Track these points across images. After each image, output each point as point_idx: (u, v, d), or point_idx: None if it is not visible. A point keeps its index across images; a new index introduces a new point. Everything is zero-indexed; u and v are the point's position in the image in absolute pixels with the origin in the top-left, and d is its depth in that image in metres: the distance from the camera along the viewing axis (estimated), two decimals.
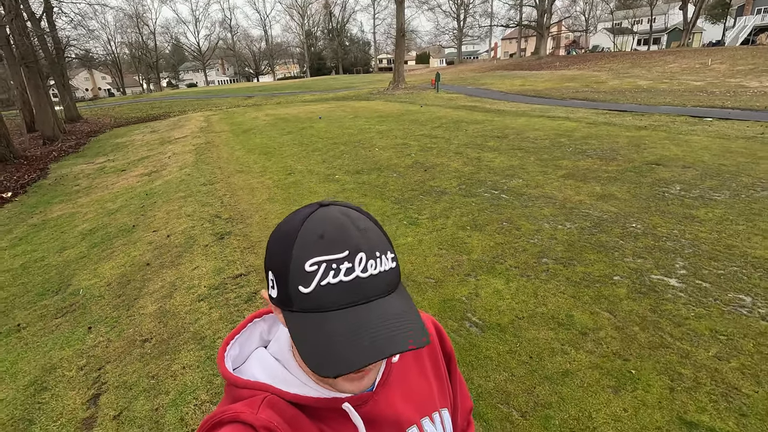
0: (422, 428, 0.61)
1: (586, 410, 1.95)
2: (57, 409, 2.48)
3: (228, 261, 3.86)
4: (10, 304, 3.92)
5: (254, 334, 0.62)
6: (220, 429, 0.50)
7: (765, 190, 4.44)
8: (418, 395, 0.63)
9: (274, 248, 0.49)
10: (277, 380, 0.54)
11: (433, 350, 0.69)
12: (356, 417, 0.54)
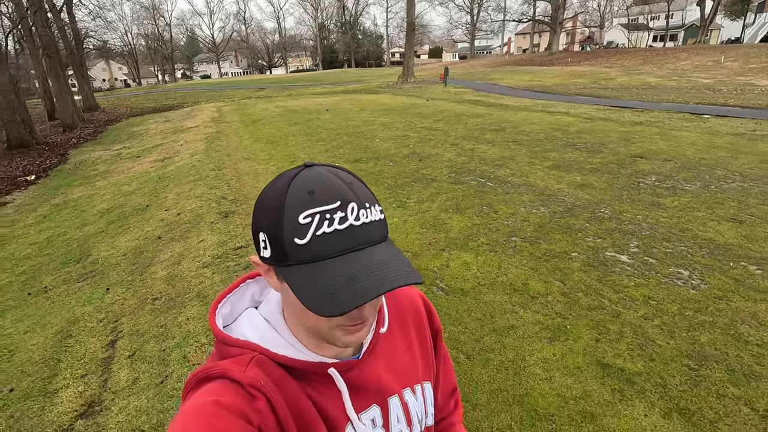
0: (403, 398, 0.63)
1: (521, 355, 2.31)
2: (80, 351, 2.92)
3: (231, 235, 4.27)
4: (38, 271, 4.39)
5: (246, 295, 0.63)
6: (207, 384, 0.51)
7: (734, 182, 4.70)
8: (401, 367, 0.65)
9: (263, 209, 0.50)
10: (265, 341, 0.55)
11: (421, 325, 0.71)
12: (341, 381, 0.56)
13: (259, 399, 0.50)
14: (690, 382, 2.03)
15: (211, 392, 0.49)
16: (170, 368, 2.55)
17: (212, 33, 75.59)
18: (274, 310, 0.58)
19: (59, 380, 2.67)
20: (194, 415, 0.46)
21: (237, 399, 0.48)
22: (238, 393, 0.49)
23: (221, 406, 0.47)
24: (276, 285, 0.53)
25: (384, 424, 0.61)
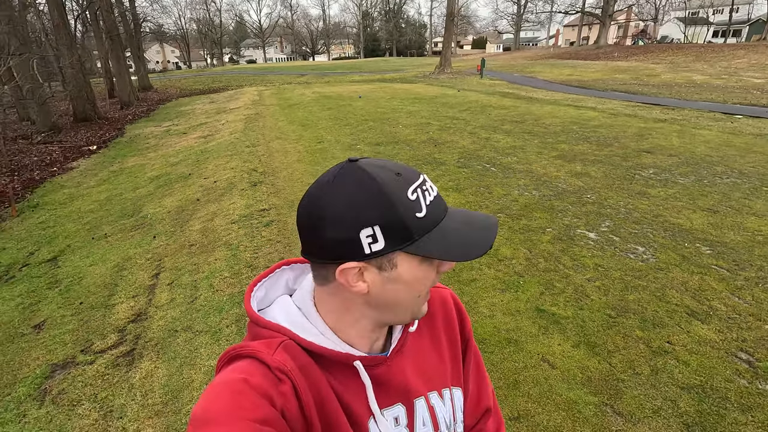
0: (429, 401, 0.63)
1: (475, 299, 2.81)
2: (132, 280, 3.67)
3: (257, 200, 4.95)
4: (99, 222, 5.26)
5: (280, 281, 0.64)
6: (237, 362, 0.52)
7: (729, 177, 4.89)
8: (430, 369, 0.65)
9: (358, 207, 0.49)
10: (296, 326, 0.56)
11: (451, 327, 0.70)
12: (365, 375, 0.57)
13: (284, 382, 0.51)
14: (605, 326, 2.48)
15: (240, 370, 0.51)
16: (199, 292, 3.24)
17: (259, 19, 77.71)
18: (306, 298, 0.59)
19: (116, 298, 3.42)
20: (224, 389, 0.48)
21: (264, 380, 0.50)
22: (265, 375, 0.50)
23: (249, 384, 0.48)
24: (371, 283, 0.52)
25: (408, 424, 0.61)
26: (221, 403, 0.47)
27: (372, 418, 0.58)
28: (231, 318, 2.86)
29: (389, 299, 0.55)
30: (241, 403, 0.47)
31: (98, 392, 2.45)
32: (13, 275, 4.25)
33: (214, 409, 0.46)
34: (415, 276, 0.53)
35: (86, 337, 2.99)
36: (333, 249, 0.51)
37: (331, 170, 0.53)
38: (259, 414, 0.47)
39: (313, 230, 0.52)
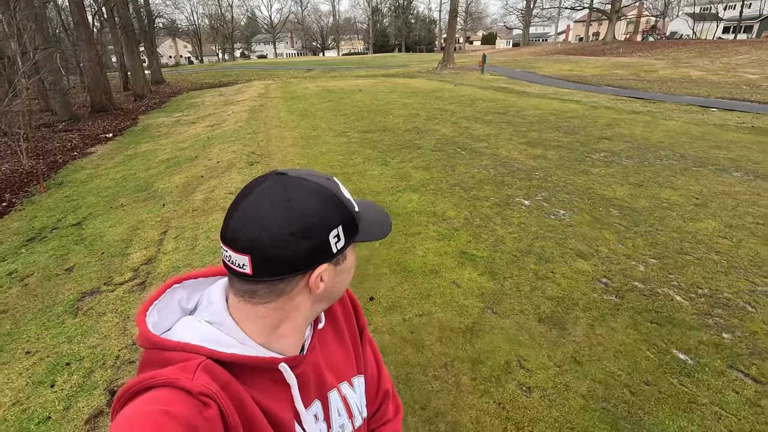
0: (341, 392, 0.67)
1: (414, 245, 3.51)
2: (144, 236, 4.44)
3: (252, 176, 5.69)
4: (116, 195, 6.05)
5: (173, 302, 0.60)
6: (150, 392, 0.47)
7: (669, 160, 5.50)
8: (338, 361, 0.68)
9: (324, 213, 0.54)
10: (210, 342, 0.53)
11: (350, 319, 0.75)
12: (291, 376, 0.57)
13: (210, 407, 0.48)
14: (508, 262, 3.16)
15: (157, 400, 0.46)
16: (198, 242, 3.99)
17: (270, 14, 78.57)
18: (220, 310, 0.56)
19: (131, 249, 4.19)
20: (140, 423, 0.43)
21: (186, 408, 0.46)
22: (187, 402, 0.46)
23: (169, 415, 0.44)
24: (327, 280, 0.56)
25: (325, 417, 0.63)
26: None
27: (296, 420, 0.58)
28: (221, 259, 3.61)
29: (336, 290, 0.59)
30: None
31: (118, 307, 3.21)
32: (45, 235, 5.05)
33: None
34: (353, 261, 0.60)
35: (108, 275, 3.76)
36: (305, 258, 0.52)
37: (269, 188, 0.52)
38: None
39: (282, 249, 0.51)
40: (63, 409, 2.27)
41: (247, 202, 0.52)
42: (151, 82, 22.29)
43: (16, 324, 3.23)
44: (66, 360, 2.68)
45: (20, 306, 3.48)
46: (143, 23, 23.36)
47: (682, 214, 3.81)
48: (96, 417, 2.19)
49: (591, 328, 2.41)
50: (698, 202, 4.07)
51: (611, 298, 2.68)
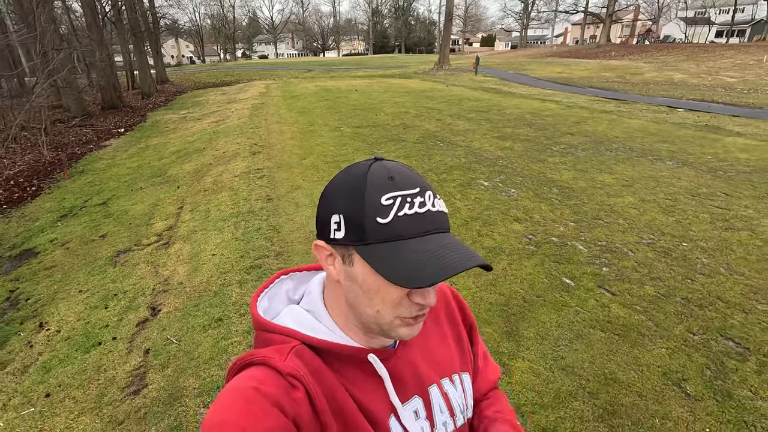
0: (442, 388, 0.65)
1: None
2: (163, 210, 5.25)
3: (254, 163, 6.52)
4: (134, 180, 6.86)
5: (281, 292, 0.66)
6: (248, 369, 0.53)
7: (616, 152, 6.31)
8: (438, 357, 0.67)
9: (338, 193, 0.53)
10: (305, 327, 0.58)
11: (453, 316, 0.73)
12: (381, 368, 0.57)
13: (297, 389, 0.51)
14: (460, 225, 3.98)
15: (251, 378, 0.51)
16: (210, 213, 4.81)
17: (271, 15, 79.47)
18: (315, 300, 0.61)
19: (153, 220, 5.01)
20: (235, 397, 0.49)
21: (275, 388, 0.50)
22: (277, 382, 0.51)
23: (260, 392, 0.49)
24: (337, 270, 0.55)
25: (428, 415, 0.62)
26: (232, 413, 0.47)
27: (393, 415, 0.58)
28: (230, 224, 4.43)
29: (350, 297, 0.55)
30: (251, 412, 0.47)
31: (149, 260, 4.03)
32: (76, 213, 5.88)
33: (224, 419, 0.47)
34: (366, 283, 0.52)
35: (137, 238, 4.58)
36: (319, 226, 0.55)
37: None
38: (270, 423, 0.47)
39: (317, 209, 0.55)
40: (117, 320, 3.09)
41: None
42: (157, 81, 23.11)
43: (66, 274, 4.06)
44: (113, 293, 3.50)
45: (66, 262, 4.31)
46: (148, 24, 24.21)
47: (609, 192, 4.63)
48: (143, 322, 3.01)
49: (509, 265, 3.23)
50: (626, 183, 4.90)
51: (531, 248, 3.50)
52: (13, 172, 8.46)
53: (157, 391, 2.29)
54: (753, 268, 3.08)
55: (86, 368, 2.61)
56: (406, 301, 0.53)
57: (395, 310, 0.53)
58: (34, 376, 2.66)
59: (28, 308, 3.56)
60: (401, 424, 0.58)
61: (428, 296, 0.53)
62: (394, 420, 0.58)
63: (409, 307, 0.53)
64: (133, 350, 2.69)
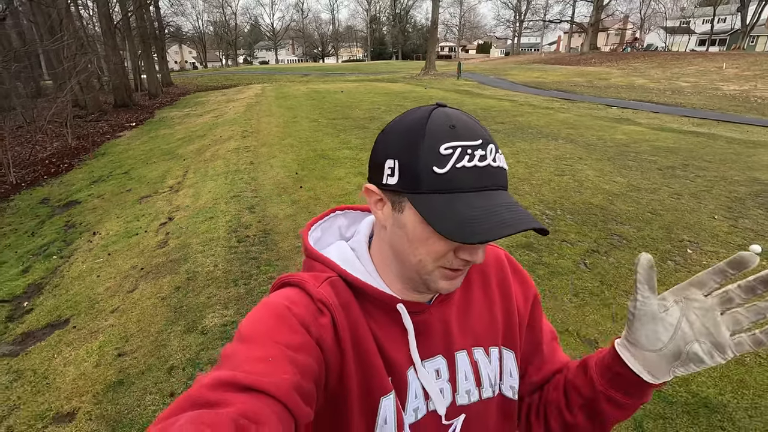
0: (472, 356, 0.63)
1: (339, 174, 6.02)
2: (173, 173, 6.97)
3: (244, 143, 8.25)
4: (148, 158, 8.58)
5: (334, 226, 0.69)
6: (286, 288, 0.57)
7: (528, 134, 8.02)
8: (478, 325, 0.64)
9: (397, 137, 0.52)
10: (346, 264, 0.59)
11: (506, 286, 0.68)
12: (408, 320, 0.57)
13: (324, 314, 0.53)
14: None
15: (285, 297, 0.54)
16: (208, 172, 6.53)
17: (272, 22, 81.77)
18: (361, 240, 0.63)
19: (166, 179, 6.72)
20: (267, 312, 0.52)
21: (304, 310, 0.53)
22: (307, 305, 0.53)
23: (290, 311, 0.52)
24: (384, 216, 0.55)
25: (450, 378, 0.61)
26: (262, 325, 0.50)
27: (412, 367, 0.58)
28: (222, 177, 6.13)
29: (395, 244, 0.56)
30: (279, 328, 0.50)
31: (164, 198, 5.73)
32: (104, 179, 7.59)
33: (255, 329, 0.50)
34: (414, 231, 0.52)
35: (154, 190, 6.28)
36: (372, 169, 0.56)
37: None
38: (294, 340, 0.49)
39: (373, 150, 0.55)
40: (146, 225, 4.79)
41: None
42: (162, 84, 24.94)
43: (105, 210, 5.77)
44: (141, 215, 5.21)
45: (104, 205, 6.03)
46: (155, 31, 26.09)
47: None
48: (163, 224, 4.70)
49: None
50: (516, 153, 6.60)
51: None
52: (46, 155, 10.21)
53: (174, 245, 3.99)
54: (554, 194, 4.76)
55: (130, 243, 4.31)
56: (451, 255, 0.52)
57: (438, 261, 0.53)
58: (96, 250, 4.36)
59: (82, 228, 5.27)
60: (419, 378, 0.58)
61: (476, 254, 0.52)
62: (412, 373, 0.58)
63: (452, 260, 0.53)
64: (159, 234, 4.40)
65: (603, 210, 4.21)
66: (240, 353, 0.47)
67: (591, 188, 4.87)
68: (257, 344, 0.48)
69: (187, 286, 3.21)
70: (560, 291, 2.92)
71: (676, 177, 5.16)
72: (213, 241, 3.93)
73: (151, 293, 3.21)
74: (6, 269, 4.41)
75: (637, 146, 6.88)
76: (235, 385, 0.43)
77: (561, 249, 3.47)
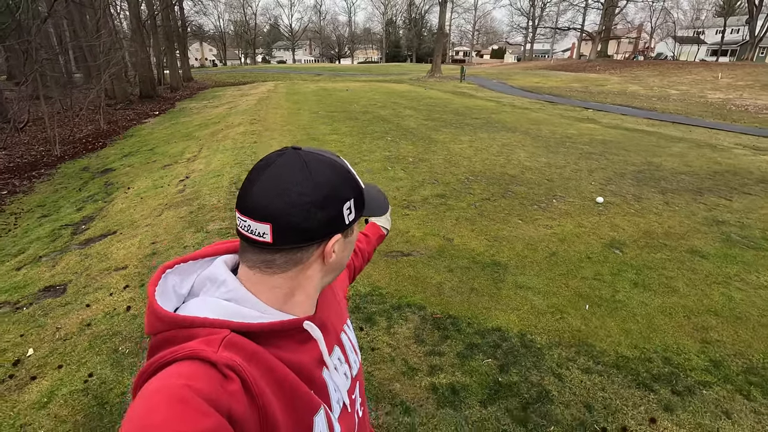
0: (347, 333, 0.76)
1: None
2: (190, 149, 8.44)
3: (251, 128, 9.69)
4: (169, 138, 10.09)
5: (168, 289, 0.60)
6: (173, 366, 0.48)
7: (493, 128, 9.28)
8: (335, 308, 0.75)
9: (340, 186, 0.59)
10: (234, 316, 0.55)
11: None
12: (316, 331, 0.61)
13: (232, 380, 0.48)
14: (363, 155, 7.04)
15: (180, 374, 0.46)
16: (219, 149, 7.97)
17: (290, 23, 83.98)
18: (235, 286, 0.58)
19: (184, 154, 8.18)
20: (162, 398, 0.43)
21: (208, 382, 0.46)
22: (210, 375, 0.47)
23: (192, 390, 0.44)
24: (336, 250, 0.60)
25: (345, 359, 0.71)
26: (159, 417, 0.42)
27: (324, 368, 0.63)
28: (229, 151, 7.56)
29: (341, 261, 0.63)
30: (183, 416, 0.42)
31: (183, 165, 7.17)
32: (133, 154, 9.10)
33: (153, 423, 0.41)
34: (357, 235, 0.67)
35: (174, 160, 7.73)
36: (323, 228, 0.56)
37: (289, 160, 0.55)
38: (206, 424, 0.43)
39: (303, 217, 0.54)
40: (168, 182, 6.22)
41: (268, 173, 0.55)
42: (183, 79, 26.73)
43: (135, 174, 7.24)
44: (164, 176, 6.65)
45: (134, 171, 7.51)
46: (178, 29, 27.93)
47: (462, 147, 7.62)
48: (182, 180, 6.12)
49: (375, 175, 6.27)
50: (473, 141, 7.89)
51: (388, 164, 6.53)
52: (82, 135, 11.83)
53: (189, 191, 5.40)
54: (483, 167, 6.05)
55: (157, 192, 5.74)
56: None
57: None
58: (131, 196, 5.80)
59: (119, 185, 6.75)
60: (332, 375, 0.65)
61: None
62: (325, 372, 0.63)
63: None
64: (178, 186, 5.83)
65: (513, 177, 5.50)
66: None
67: (515, 164, 6.16)
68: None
69: (198, 211, 4.61)
70: (448, 219, 4.25)
71: (588, 159, 6.42)
72: (218, 189, 5.33)
73: (173, 215, 4.61)
74: (64, 210, 5.89)
75: (578, 138, 8.12)
76: None
77: (464, 198, 4.79)
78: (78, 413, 2.08)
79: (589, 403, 1.98)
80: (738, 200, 4.68)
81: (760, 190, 5.01)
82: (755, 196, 4.82)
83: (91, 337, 2.66)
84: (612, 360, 2.25)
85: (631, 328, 2.50)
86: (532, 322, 2.63)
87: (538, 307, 2.76)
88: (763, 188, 5.10)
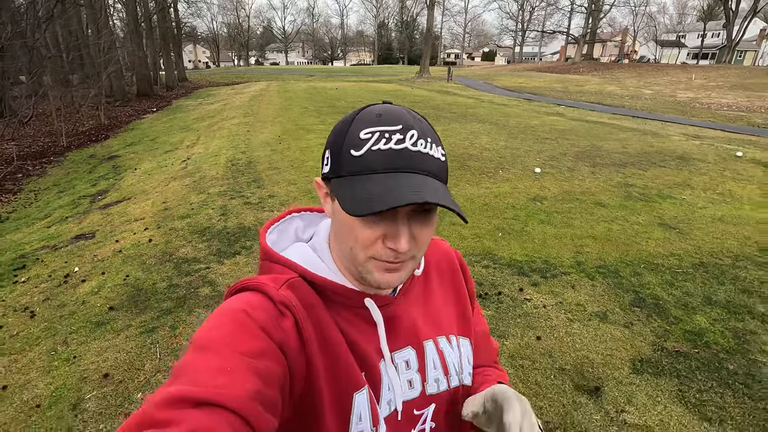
0: (438, 345, 0.66)
1: (311, 141, 8.26)
2: (189, 139, 9.26)
3: (245, 120, 10.53)
4: (169, 131, 10.90)
5: (290, 228, 0.67)
6: (242, 293, 0.54)
7: (468, 120, 10.19)
8: (438, 315, 0.68)
9: (335, 129, 0.54)
10: (308, 263, 0.58)
11: (457, 280, 0.74)
12: (377, 312, 0.58)
13: (287, 317, 0.51)
14: None
15: (243, 301, 0.52)
16: (215, 137, 8.80)
17: (284, 25, 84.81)
18: (321, 240, 0.62)
19: (183, 142, 9.00)
20: (224, 318, 0.50)
21: (264, 313, 0.50)
22: (267, 308, 0.51)
23: (249, 316, 0.49)
24: (330, 209, 0.56)
25: (420, 368, 0.63)
26: (219, 332, 0.48)
27: (383, 360, 0.59)
28: (224, 138, 8.39)
29: (337, 234, 0.57)
30: (238, 334, 0.48)
31: (184, 150, 7.99)
32: (136, 143, 9.90)
33: (211, 337, 0.47)
34: (339, 218, 0.53)
35: (175, 147, 8.55)
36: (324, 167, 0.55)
37: None
38: (255, 346, 0.47)
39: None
40: (171, 163, 7.05)
41: None
42: (178, 79, 27.47)
43: (140, 158, 8.06)
44: (167, 159, 7.47)
45: (138, 156, 8.32)
46: (173, 31, 28.68)
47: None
48: (184, 161, 6.94)
49: None
50: (446, 130, 8.79)
51: None
52: (85, 129, 12.59)
53: (191, 168, 6.24)
54: (447, 149, 6.93)
55: (162, 170, 6.56)
56: (380, 244, 0.52)
57: (368, 251, 0.53)
58: (139, 174, 6.62)
59: (126, 168, 7.56)
60: (389, 371, 0.60)
61: (398, 241, 0.51)
62: (382, 363, 0.59)
63: (383, 250, 0.52)
64: (180, 165, 6.65)
65: (471, 156, 6.39)
66: (194, 365, 0.45)
67: (476, 147, 7.06)
68: (214, 353, 0.46)
69: (200, 180, 5.45)
70: None
71: (541, 143, 7.33)
72: (216, 165, 6.17)
73: (179, 185, 5.45)
74: (79, 186, 6.70)
75: (540, 128, 9.05)
76: (186, 400, 0.41)
77: None
78: (122, 295, 2.93)
79: (480, 281, 2.84)
80: (651, 171, 5.60)
81: (674, 165, 5.93)
82: (667, 168, 5.73)
83: (123, 257, 3.50)
84: (506, 261, 3.11)
85: (527, 246, 3.37)
86: (457, 245, 3.49)
87: (463, 235, 3.62)
88: (678, 163, 6.02)
